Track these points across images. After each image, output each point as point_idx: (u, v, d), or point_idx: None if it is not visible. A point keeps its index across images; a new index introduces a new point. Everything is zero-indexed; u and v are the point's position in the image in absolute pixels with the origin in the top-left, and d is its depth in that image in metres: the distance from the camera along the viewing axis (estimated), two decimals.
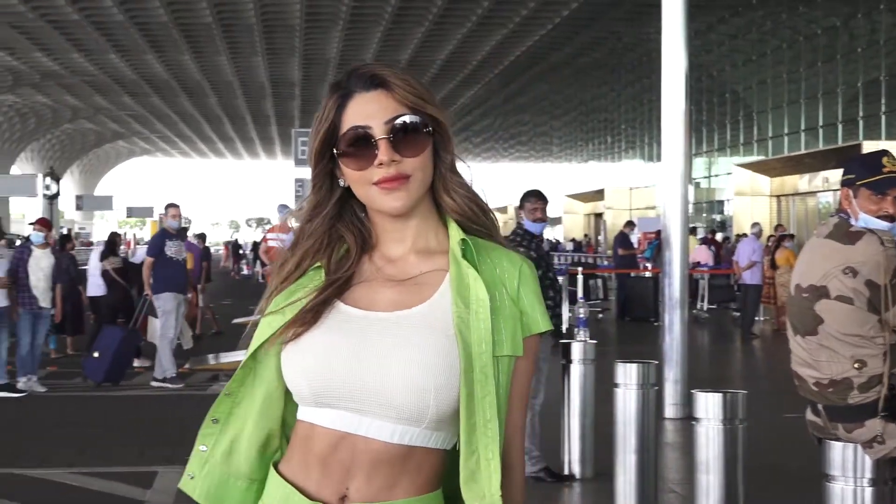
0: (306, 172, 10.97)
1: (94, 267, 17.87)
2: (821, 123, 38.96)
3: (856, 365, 5.59)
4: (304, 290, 1.98)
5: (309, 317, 1.93)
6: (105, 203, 60.25)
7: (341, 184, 2.01)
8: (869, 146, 28.42)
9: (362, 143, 1.91)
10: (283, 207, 19.54)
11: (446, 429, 1.91)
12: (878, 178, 5.65)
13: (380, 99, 1.92)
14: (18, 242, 29.77)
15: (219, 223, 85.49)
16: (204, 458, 2.03)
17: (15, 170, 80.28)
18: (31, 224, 16.71)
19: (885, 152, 6.10)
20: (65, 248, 19.29)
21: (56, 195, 38.96)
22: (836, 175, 22.06)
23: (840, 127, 37.72)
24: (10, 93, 63.67)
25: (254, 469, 2.03)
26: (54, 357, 17.84)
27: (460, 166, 2.08)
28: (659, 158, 33.16)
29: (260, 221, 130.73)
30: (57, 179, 43.33)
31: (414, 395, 1.84)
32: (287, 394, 2.02)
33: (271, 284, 2.10)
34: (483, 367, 1.86)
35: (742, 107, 45.84)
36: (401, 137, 1.90)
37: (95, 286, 17.80)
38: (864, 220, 5.70)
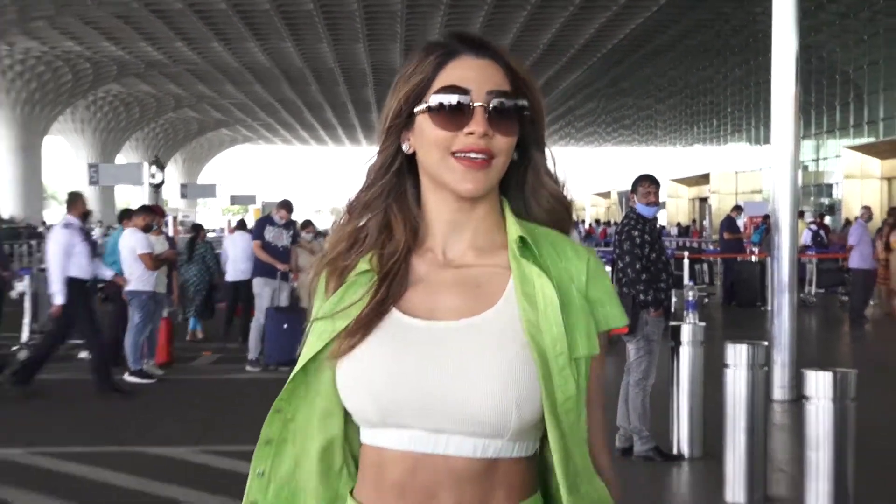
0: None
1: (242, 251, 17.74)
2: None
3: None
4: (355, 295, 1.84)
5: (363, 329, 1.80)
6: (209, 191, 60.53)
7: (405, 148, 1.86)
8: None
9: (456, 106, 1.76)
10: None
11: (529, 437, 1.82)
12: None
13: (486, 67, 1.79)
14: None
15: (321, 210, 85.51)
16: (265, 482, 1.93)
17: (120, 158, 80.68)
18: (125, 214, 16.55)
19: None
20: (199, 236, 19.77)
21: (161, 183, 39.21)
22: None
23: None
24: (115, 82, 64.32)
25: (319, 491, 1.92)
26: (201, 338, 18.40)
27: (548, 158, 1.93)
28: (766, 141, 32.84)
29: None
30: (162, 168, 43.62)
31: (495, 408, 1.73)
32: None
33: (325, 251, 1.97)
34: (561, 370, 1.76)
35: (852, 88, 44.41)
36: (499, 112, 1.76)
37: (240, 272, 17.71)
38: None
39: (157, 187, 40.85)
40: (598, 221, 50.52)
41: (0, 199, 58.15)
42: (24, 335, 16.81)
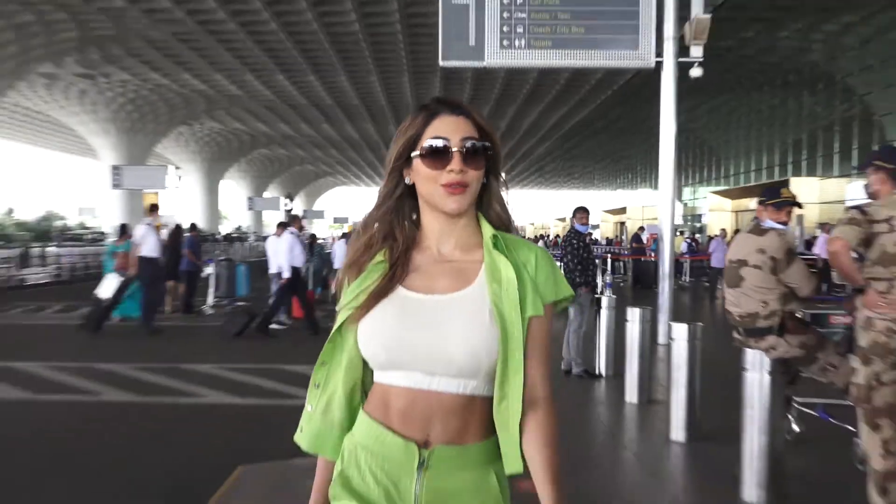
0: None
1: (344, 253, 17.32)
2: (762, 166, 39.57)
3: (761, 304, 5.59)
4: (371, 279, 1.73)
5: (378, 298, 1.69)
6: (320, 215, 62.12)
7: (407, 181, 1.74)
8: (793, 181, 28.41)
9: (441, 151, 1.67)
10: None
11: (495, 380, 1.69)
12: (778, 200, 5.79)
13: (459, 122, 1.69)
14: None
15: None
16: (309, 415, 1.80)
17: (232, 187, 76.26)
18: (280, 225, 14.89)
19: (784, 182, 6.85)
20: (314, 241, 19.61)
21: (291, 209, 39.79)
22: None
23: (773, 169, 38.26)
24: (207, 117, 53.13)
25: (344, 419, 1.77)
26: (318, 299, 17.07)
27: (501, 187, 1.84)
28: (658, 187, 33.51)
29: None
30: (291, 198, 44.15)
31: (471, 355, 1.64)
32: (365, 359, 1.77)
33: (347, 257, 1.83)
34: (513, 329, 1.65)
35: (714, 155, 46.96)
36: (469, 154, 1.67)
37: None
38: (769, 223, 5.81)
39: (288, 212, 40.56)
40: (557, 236, 50.89)
41: (193, 217, 56.84)
42: (210, 300, 17.06)
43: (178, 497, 5.25)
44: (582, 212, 9.44)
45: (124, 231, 15.76)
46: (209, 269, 17.47)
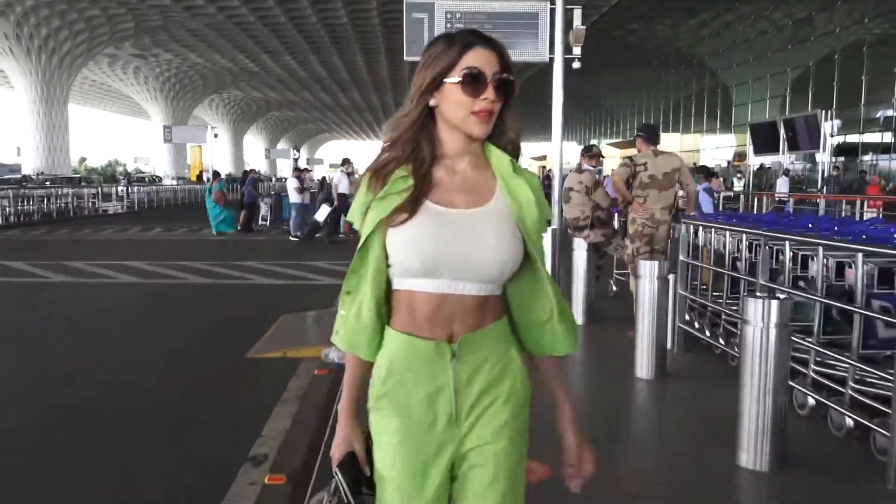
0: None
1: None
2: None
3: (581, 212, 6.69)
4: (398, 188, 1.40)
5: (409, 209, 1.37)
6: (320, 162, 62.12)
7: (432, 103, 1.41)
8: (663, 135, 29.43)
9: (477, 80, 1.36)
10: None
11: (503, 282, 1.44)
12: (590, 153, 6.92)
13: (492, 56, 1.38)
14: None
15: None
16: (343, 319, 1.49)
17: (252, 141, 73.64)
18: (295, 171, 16.72)
19: (594, 145, 7.42)
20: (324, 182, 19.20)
21: (297, 158, 39.90)
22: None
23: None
24: (233, 87, 53.07)
25: (375, 322, 1.44)
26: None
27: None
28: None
29: None
30: (298, 150, 44.09)
31: (499, 263, 1.39)
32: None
33: (371, 164, 1.47)
34: (536, 241, 1.43)
35: (608, 116, 46.05)
36: (500, 86, 1.38)
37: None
38: (585, 166, 6.91)
39: (296, 160, 40.38)
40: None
41: (225, 168, 55.96)
42: (262, 221, 17.89)
43: (239, 333, 6.28)
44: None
45: (217, 176, 17.81)
46: (265, 202, 18.36)
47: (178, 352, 5.79)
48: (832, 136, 20.31)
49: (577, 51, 12.75)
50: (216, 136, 35.04)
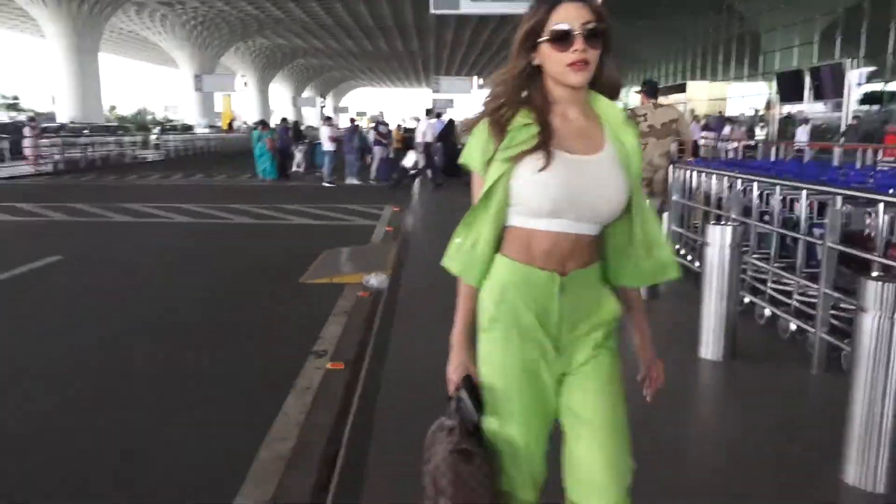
0: None
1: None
2: (673, 72, 38.58)
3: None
4: (522, 136, 1.46)
5: (545, 157, 1.43)
6: (345, 110, 62.03)
7: (536, 62, 1.48)
8: (689, 84, 29.00)
9: (565, 36, 1.43)
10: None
11: None
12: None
13: (580, 8, 1.43)
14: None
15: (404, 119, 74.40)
16: (458, 246, 1.54)
17: (278, 89, 73.17)
18: (326, 119, 18.00)
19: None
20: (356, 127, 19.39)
21: (324, 106, 40.18)
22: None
23: (680, 74, 37.37)
24: (259, 35, 53.36)
25: (488, 256, 1.52)
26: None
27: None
28: None
29: None
30: (324, 98, 44.37)
31: (614, 207, 1.48)
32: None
33: (481, 113, 1.53)
34: (637, 183, 1.52)
35: (641, 64, 44.92)
36: (589, 36, 1.43)
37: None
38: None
39: (322, 108, 40.68)
40: None
41: (252, 116, 56.19)
42: (294, 167, 19.16)
43: (288, 264, 7.12)
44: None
45: (265, 124, 18.72)
46: (300, 150, 19.46)
47: (238, 279, 6.81)
48: (859, 85, 20.44)
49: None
50: (245, 84, 35.64)
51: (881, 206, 3.55)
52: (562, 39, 1.44)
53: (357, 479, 2.66)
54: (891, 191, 4.15)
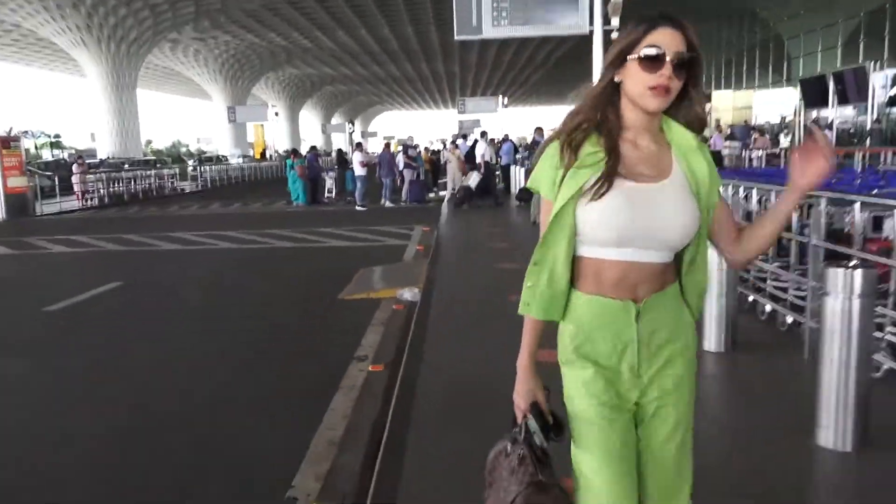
0: None
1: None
2: None
3: None
4: (588, 165, 1.47)
5: (606, 184, 1.44)
6: (374, 135, 62.95)
7: (617, 79, 1.48)
8: (714, 93, 29.45)
9: (656, 58, 1.42)
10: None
11: None
12: None
13: (675, 35, 1.43)
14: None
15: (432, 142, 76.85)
16: (532, 290, 1.54)
17: (307, 117, 75.15)
18: (357, 145, 18.72)
19: None
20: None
21: (352, 131, 41.14)
22: None
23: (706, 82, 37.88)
24: (288, 65, 54.73)
25: (566, 286, 1.52)
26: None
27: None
28: None
29: None
30: (353, 123, 45.46)
31: (683, 236, 1.48)
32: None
33: (558, 130, 1.54)
34: (707, 213, 1.51)
35: None
36: (678, 65, 1.43)
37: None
38: None
39: (351, 133, 41.49)
40: None
41: (282, 144, 57.76)
42: (326, 193, 20.15)
43: (327, 282, 7.67)
44: None
45: (296, 153, 19.76)
46: (330, 176, 20.38)
47: (284, 297, 7.45)
48: (883, 87, 20.45)
49: (615, 22, 13.83)
50: (276, 114, 36.81)
51: (857, 206, 3.96)
52: (651, 61, 1.44)
53: (398, 461, 3.15)
54: (875, 191, 4.50)
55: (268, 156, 45.18)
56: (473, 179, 15.61)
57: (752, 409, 3.56)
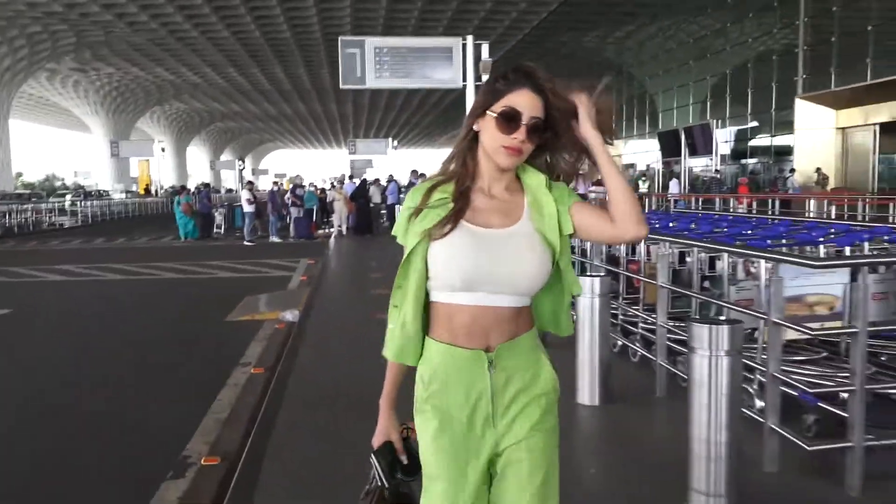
0: None
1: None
2: None
3: None
4: (436, 212, 1.51)
5: (448, 227, 1.48)
6: (265, 172, 62.83)
7: (476, 128, 1.53)
8: None
9: (512, 119, 1.47)
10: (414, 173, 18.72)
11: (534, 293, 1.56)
12: None
13: (534, 100, 1.48)
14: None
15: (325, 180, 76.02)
16: (392, 332, 1.58)
17: (195, 152, 73.91)
18: (247, 183, 19.65)
19: None
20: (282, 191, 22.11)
21: (242, 168, 41.18)
22: None
23: None
24: (175, 100, 54.58)
25: (418, 331, 1.55)
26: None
27: None
28: None
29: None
30: (243, 161, 45.32)
31: (531, 280, 1.51)
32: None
33: (428, 180, 1.60)
34: (556, 247, 1.52)
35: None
36: (532, 130, 1.48)
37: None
38: None
39: (241, 171, 41.48)
40: None
41: (168, 180, 57.33)
42: (216, 229, 20.68)
43: (216, 307, 8.44)
44: None
45: (184, 189, 20.33)
46: (219, 212, 21.28)
47: (176, 320, 8.26)
48: (726, 142, 23.58)
49: (486, 78, 15.56)
50: (163, 150, 36.55)
51: (695, 250, 4.47)
52: (507, 121, 1.48)
53: (269, 432, 4.17)
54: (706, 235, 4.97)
55: (153, 191, 44.34)
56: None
57: (626, 463, 3.51)
